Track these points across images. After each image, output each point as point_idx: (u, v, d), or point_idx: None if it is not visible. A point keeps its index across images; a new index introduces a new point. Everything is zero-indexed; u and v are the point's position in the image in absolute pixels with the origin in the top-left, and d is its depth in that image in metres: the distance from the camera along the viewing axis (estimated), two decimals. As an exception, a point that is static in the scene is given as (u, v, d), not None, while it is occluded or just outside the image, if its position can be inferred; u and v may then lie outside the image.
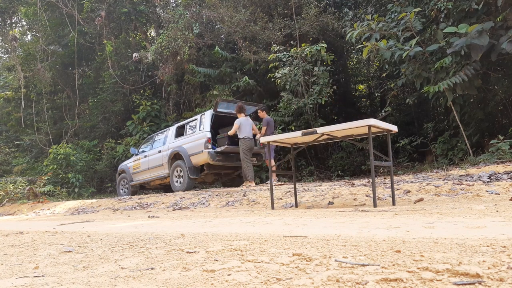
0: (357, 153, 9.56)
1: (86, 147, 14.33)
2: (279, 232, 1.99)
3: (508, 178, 3.98)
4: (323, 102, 8.77)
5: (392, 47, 6.60)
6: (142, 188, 9.80)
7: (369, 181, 5.56)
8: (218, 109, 7.47)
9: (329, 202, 4.30)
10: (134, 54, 12.91)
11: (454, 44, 5.82)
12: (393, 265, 1.07)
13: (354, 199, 4.24)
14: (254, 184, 6.93)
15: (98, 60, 15.52)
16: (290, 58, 9.03)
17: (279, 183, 7.01)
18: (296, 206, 4.27)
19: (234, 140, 9.16)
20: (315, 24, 9.99)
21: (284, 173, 7.14)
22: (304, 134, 3.84)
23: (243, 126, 7.14)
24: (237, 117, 8.73)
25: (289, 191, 5.13)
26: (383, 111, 8.73)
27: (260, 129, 7.53)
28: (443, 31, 6.12)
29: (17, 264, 1.67)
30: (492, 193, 3.53)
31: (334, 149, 10.43)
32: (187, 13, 11.25)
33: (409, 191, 4.11)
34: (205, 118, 7.59)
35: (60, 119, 16.60)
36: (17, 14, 17.10)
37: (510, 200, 3.19)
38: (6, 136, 18.20)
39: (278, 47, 9.28)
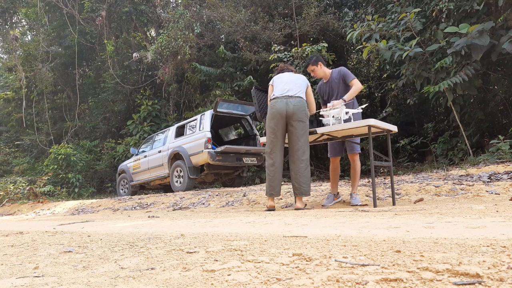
0: (357, 153, 9.56)
1: (87, 147, 14.34)
2: (279, 232, 1.99)
3: (508, 178, 3.98)
4: (323, 102, 8.78)
5: (392, 47, 6.60)
6: (142, 188, 9.80)
7: (369, 181, 5.56)
8: (218, 109, 7.48)
9: (329, 202, 4.30)
10: (134, 54, 12.93)
11: (455, 44, 5.82)
12: (393, 265, 1.07)
13: (354, 199, 4.24)
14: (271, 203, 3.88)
15: (98, 60, 15.52)
16: (291, 58, 9.03)
17: None
18: (296, 206, 4.26)
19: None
20: (315, 24, 9.99)
21: (284, 173, 7.13)
22: (304, 134, 3.83)
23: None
24: (236, 118, 8.66)
25: (289, 191, 5.13)
26: (384, 111, 8.72)
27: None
28: (444, 30, 6.12)
29: (17, 264, 1.67)
30: (492, 193, 3.53)
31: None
32: (187, 13, 11.25)
33: (409, 191, 4.11)
34: (205, 118, 7.59)
35: (61, 119, 16.62)
36: (17, 14, 17.11)
37: (510, 200, 3.19)
38: (6, 137, 18.21)
39: (278, 47, 9.29)
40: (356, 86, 3.88)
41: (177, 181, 7.95)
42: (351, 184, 4.14)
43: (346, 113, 3.62)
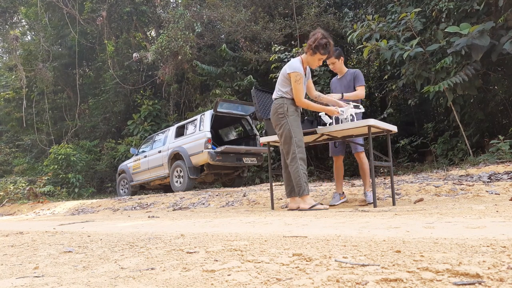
0: (357, 153, 9.54)
1: (87, 147, 14.35)
2: (279, 232, 1.99)
3: (508, 178, 3.98)
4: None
5: (392, 47, 6.60)
6: (142, 188, 9.81)
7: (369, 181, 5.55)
8: (218, 109, 7.48)
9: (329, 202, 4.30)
10: (135, 54, 12.94)
11: (455, 44, 5.81)
12: (393, 265, 1.07)
13: (354, 199, 4.25)
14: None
15: (99, 60, 15.53)
16: (291, 58, 9.03)
17: (279, 183, 6.97)
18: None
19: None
20: (315, 24, 9.98)
21: (281, 173, 7.13)
22: (304, 134, 3.84)
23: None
24: (236, 118, 8.64)
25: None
26: (385, 112, 8.69)
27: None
28: (445, 30, 6.11)
29: (17, 264, 1.67)
30: (492, 193, 3.53)
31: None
32: (187, 13, 11.25)
33: (409, 191, 4.11)
34: (205, 118, 7.59)
35: (61, 119, 16.63)
36: (17, 14, 17.13)
37: (510, 200, 3.19)
38: (6, 137, 18.22)
39: (279, 48, 9.29)
40: (359, 92, 3.98)
41: (177, 181, 7.95)
42: (363, 182, 4.12)
43: (351, 118, 3.62)
